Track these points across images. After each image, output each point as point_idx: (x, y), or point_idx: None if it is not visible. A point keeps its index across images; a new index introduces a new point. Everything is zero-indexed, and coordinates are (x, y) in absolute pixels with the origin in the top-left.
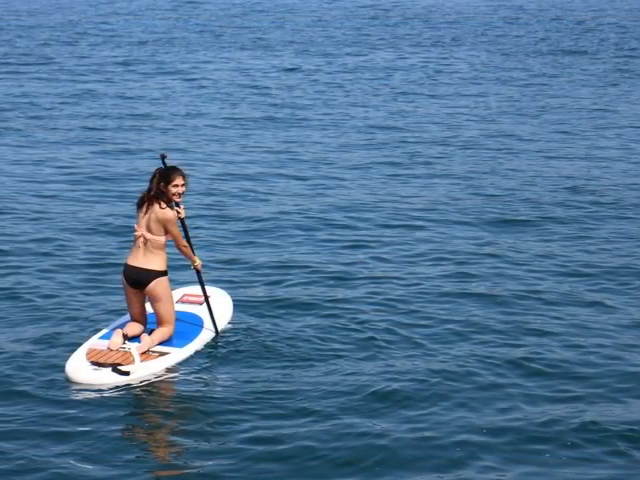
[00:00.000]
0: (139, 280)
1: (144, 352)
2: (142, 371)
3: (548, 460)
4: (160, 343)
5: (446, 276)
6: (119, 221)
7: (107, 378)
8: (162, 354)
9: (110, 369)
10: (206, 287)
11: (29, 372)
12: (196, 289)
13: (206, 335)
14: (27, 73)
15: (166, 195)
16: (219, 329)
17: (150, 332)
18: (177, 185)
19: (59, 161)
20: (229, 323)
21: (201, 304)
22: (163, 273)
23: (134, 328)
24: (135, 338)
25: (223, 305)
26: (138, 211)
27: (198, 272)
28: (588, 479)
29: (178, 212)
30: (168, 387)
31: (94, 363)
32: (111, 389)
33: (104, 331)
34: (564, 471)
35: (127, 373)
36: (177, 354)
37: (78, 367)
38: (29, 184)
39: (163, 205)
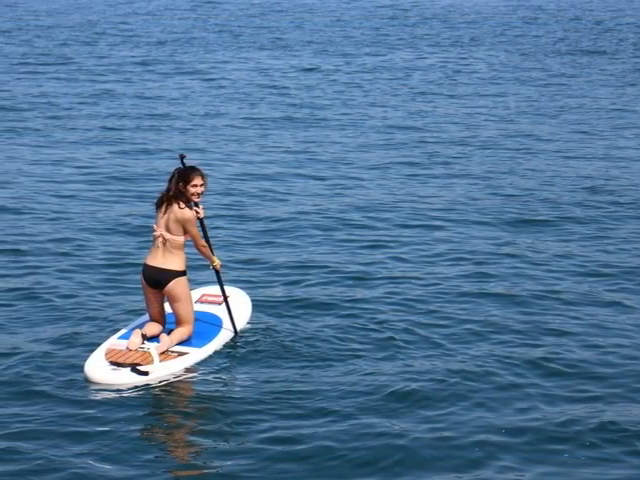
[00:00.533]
0: (158, 280)
1: (163, 352)
2: (161, 371)
3: (567, 460)
4: (179, 343)
5: (465, 276)
6: (138, 221)
7: (126, 378)
8: (181, 354)
9: (129, 369)
10: (225, 287)
11: (48, 372)
12: (215, 289)
13: (225, 335)
14: (46, 73)
15: (185, 195)
16: (238, 329)
17: (169, 332)
18: (196, 185)
19: (78, 161)
20: (248, 323)
21: (220, 304)
22: (182, 273)
23: (153, 328)
24: (154, 338)
25: (242, 305)
26: (157, 211)
27: (217, 272)
28: (607, 479)
29: (197, 212)
30: (187, 387)
31: (113, 363)
32: (130, 389)
33: (123, 331)
34: (583, 471)
35: (146, 373)
36: (196, 354)
37: (97, 367)
38: (48, 184)
39: (182, 205)
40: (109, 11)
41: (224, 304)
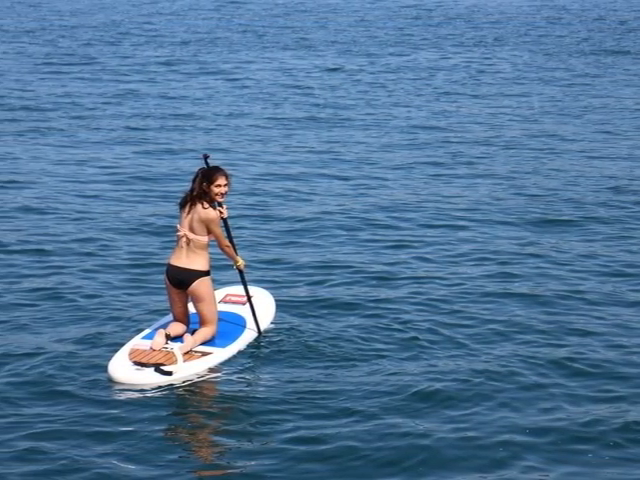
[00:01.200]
0: (182, 280)
1: (187, 352)
2: (185, 371)
3: (591, 460)
4: (203, 343)
5: (489, 276)
6: (162, 221)
7: (150, 378)
8: (205, 354)
9: (153, 369)
10: (249, 287)
11: (72, 372)
12: (239, 289)
13: (249, 335)
14: (70, 73)
15: (209, 195)
16: (262, 329)
17: (193, 332)
18: (220, 185)
19: (102, 161)
20: (272, 323)
21: (244, 304)
22: (206, 273)
23: (177, 328)
24: (178, 338)
25: (266, 305)
26: (181, 211)
27: (241, 272)
28: (631, 479)
29: (221, 212)
30: (211, 387)
31: (137, 363)
32: (154, 389)
33: (147, 331)
34: (607, 471)
35: (170, 373)
36: (220, 354)
37: (121, 367)
38: (72, 184)
39: (206, 205)
40: (133, 11)
41: (248, 304)
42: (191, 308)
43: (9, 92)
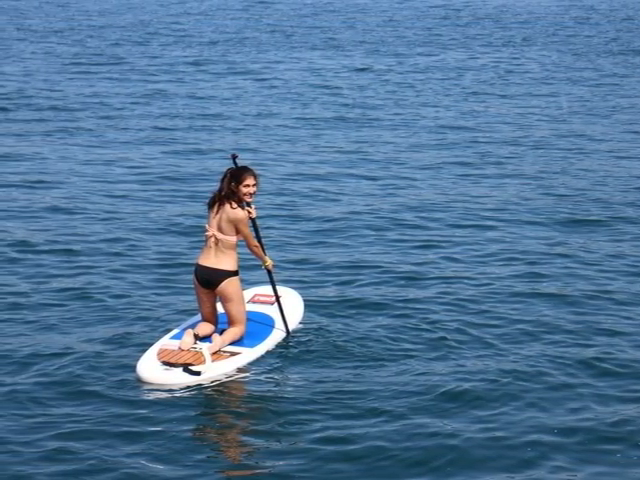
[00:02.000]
0: (210, 280)
1: (215, 352)
2: (213, 371)
3: (619, 460)
4: (231, 343)
5: (517, 276)
6: (190, 221)
7: (178, 378)
8: (233, 354)
9: (181, 369)
10: (277, 287)
11: (100, 372)
12: (267, 289)
13: (277, 335)
14: (98, 73)
15: (237, 195)
16: (290, 329)
17: (221, 332)
18: (248, 185)
19: (130, 161)
20: (300, 323)
21: (272, 304)
22: (234, 273)
23: (205, 328)
24: (206, 338)
25: (294, 305)
26: (209, 211)
27: (269, 272)
28: None
29: (249, 212)
30: (239, 387)
31: (165, 363)
32: (182, 389)
33: (175, 331)
34: (635, 471)
35: (198, 373)
36: (248, 354)
37: (149, 367)
38: (100, 184)
39: (234, 205)
40: (161, 11)
41: (276, 304)
42: (220, 308)
43: (37, 92)
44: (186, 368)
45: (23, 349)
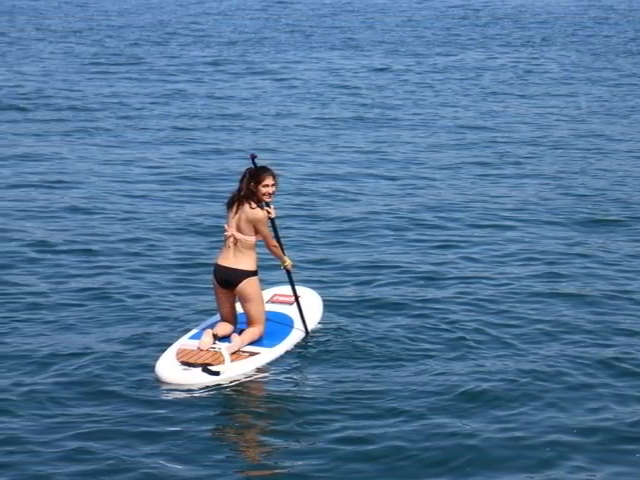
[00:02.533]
0: (229, 280)
1: (234, 352)
2: (232, 371)
3: (639, 460)
4: (250, 343)
5: (536, 276)
6: (209, 221)
7: (197, 378)
8: (252, 354)
9: (200, 369)
10: (296, 287)
11: (119, 372)
12: (286, 289)
13: (296, 335)
14: (117, 73)
15: (256, 195)
16: (309, 329)
17: (240, 332)
18: (267, 185)
19: (149, 161)
20: (319, 323)
21: (291, 304)
22: (253, 273)
23: (224, 328)
24: (225, 338)
25: (313, 305)
26: (228, 211)
27: (288, 272)
28: None
29: (268, 212)
30: (258, 387)
31: (184, 363)
32: (201, 389)
33: (194, 331)
34: None
35: (217, 373)
36: (267, 354)
37: (168, 367)
38: (119, 184)
39: (253, 205)
40: (180, 11)
41: (295, 304)
42: (239, 308)
43: (56, 92)
44: (205, 368)
45: (42, 349)
